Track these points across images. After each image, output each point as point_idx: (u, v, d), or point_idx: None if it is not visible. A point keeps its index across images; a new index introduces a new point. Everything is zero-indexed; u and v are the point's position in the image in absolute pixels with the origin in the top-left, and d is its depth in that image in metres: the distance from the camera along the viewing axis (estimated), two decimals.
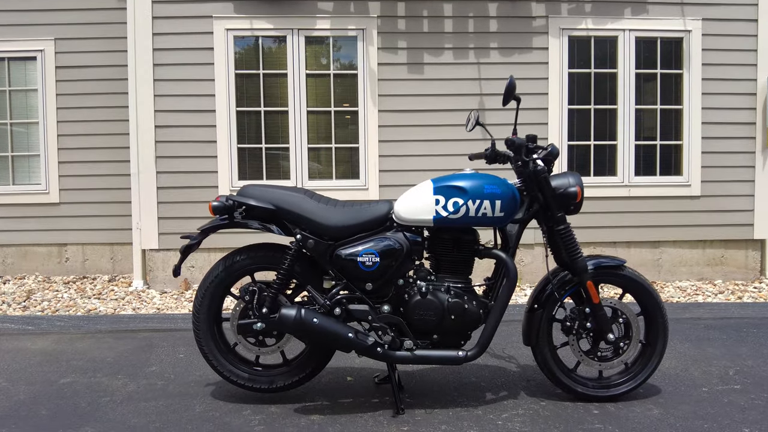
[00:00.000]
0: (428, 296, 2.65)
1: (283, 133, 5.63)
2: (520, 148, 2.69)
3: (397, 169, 5.60)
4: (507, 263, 2.66)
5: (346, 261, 2.66)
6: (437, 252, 2.75)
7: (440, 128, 5.61)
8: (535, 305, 2.80)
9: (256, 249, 2.81)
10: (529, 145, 2.72)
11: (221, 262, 2.80)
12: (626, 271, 2.82)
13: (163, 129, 5.55)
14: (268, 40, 5.62)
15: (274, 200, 2.71)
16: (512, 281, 2.64)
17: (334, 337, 2.60)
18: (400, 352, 2.65)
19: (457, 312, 2.64)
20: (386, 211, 2.74)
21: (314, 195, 2.80)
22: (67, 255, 6.25)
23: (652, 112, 5.82)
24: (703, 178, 5.77)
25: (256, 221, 2.72)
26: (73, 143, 6.15)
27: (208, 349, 2.81)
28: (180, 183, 5.56)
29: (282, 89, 5.61)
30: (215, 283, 2.78)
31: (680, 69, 5.78)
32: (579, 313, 2.78)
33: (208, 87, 5.53)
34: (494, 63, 5.63)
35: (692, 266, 5.87)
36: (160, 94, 5.53)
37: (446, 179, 2.66)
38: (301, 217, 2.69)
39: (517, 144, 2.69)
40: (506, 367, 3.35)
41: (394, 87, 5.60)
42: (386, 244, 2.67)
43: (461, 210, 2.61)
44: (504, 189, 2.64)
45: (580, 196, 2.65)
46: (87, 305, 5.13)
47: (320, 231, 2.70)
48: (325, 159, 5.70)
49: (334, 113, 5.66)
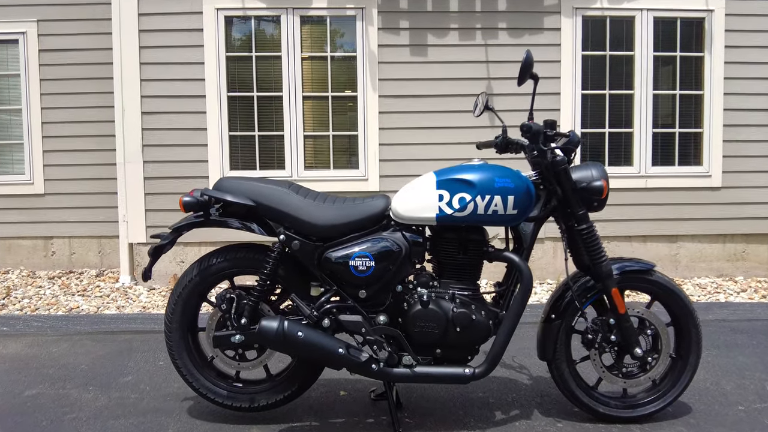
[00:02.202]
0: (430, 305, 2.32)
1: (277, 120, 5.30)
2: (537, 136, 2.32)
3: (398, 159, 5.27)
4: (521, 268, 2.32)
5: (337, 265, 2.33)
6: (441, 254, 2.41)
7: (445, 115, 5.27)
8: (552, 315, 2.47)
9: (236, 250, 2.48)
10: (547, 132, 2.37)
11: (196, 265, 2.47)
12: (655, 275, 2.49)
13: (150, 116, 5.22)
14: (261, 21, 5.27)
15: (254, 195, 2.38)
16: (527, 288, 2.31)
17: (322, 352, 2.28)
18: (399, 369, 2.33)
19: (463, 323, 2.31)
20: (382, 207, 2.41)
21: (300, 189, 2.47)
22: (54, 248, 5.96)
23: (670, 98, 5.47)
24: (725, 169, 5.46)
25: (236, 219, 2.40)
26: (58, 131, 5.84)
27: (181, 363, 2.50)
28: (168, 173, 5.25)
29: (276, 73, 5.27)
30: (189, 288, 2.46)
31: (701, 52, 5.44)
32: (602, 324, 2.44)
33: (198, 71, 5.20)
34: (503, 44, 5.27)
35: (711, 262, 5.55)
36: (147, 79, 5.20)
37: (451, 171, 2.32)
38: (284, 214, 2.36)
39: (534, 130, 2.32)
40: (517, 380, 3.03)
41: (396, 70, 5.25)
42: (382, 246, 2.34)
43: (468, 207, 2.27)
44: (517, 182, 2.29)
45: (606, 191, 2.30)
46: (69, 303, 4.83)
47: (307, 230, 2.36)
48: (322, 147, 5.36)
49: (331, 99, 5.32)
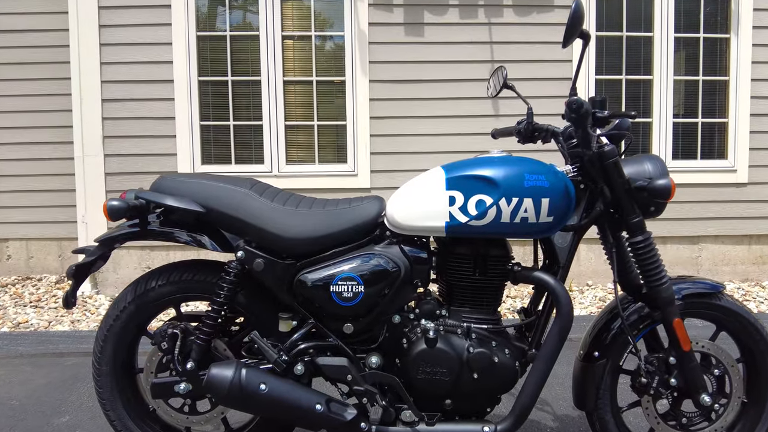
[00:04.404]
0: (438, 343, 1.76)
1: (255, 108, 4.71)
2: (585, 117, 1.72)
3: (392, 152, 4.70)
4: (557, 292, 1.76)
5: (315, 290, 1.77)
6: (451, 274, 1.84)
7: (444, 102, 4.70)
8: (595, 352, 1.91)
9: (183, 269, 1.89)
10: (596, 114, 1.81)
11: (130, 289, 1.89)
12: (723, 299, 1.94)
13: (111, 103, 4.62)
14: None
15: (204, 198, 1.79)
16: (566, 319, 1.75)
17: (293, 411, 1.70)
18: (396, 429, 1.76)
19: (482, 367, 1.75)
20: (375, 213, 1.84)
21: (267, 189, 1.89)
22: (9, 252, 5.33)
23: (693, 84, 4.94)
24: (751, 163, 4.95)
25: (183, 230, 1.83)
26: (11, 121, 5.19)
27: (114, 415, 1.92)
28: (132, 168, 4.65)
29: (253, 55, 4.68)
30: (122, 320, 1.88)
31: (727, 33, 4.92)
32: (660, 363, 1.89)
33: (165, 52, 4.60)
34: (508, 23, 4.71)
35: (736, 265, 5.04)
36: (108, 62, 4.59)
37: (465, 166, 1.75)
38: (244, 223, 1.78)
39: (585, 109, 1.70)
40: (540, 423, 2.47)
41: (389, 52, 4.67)
42: (375, 264, 1.77)
43: (489, 213, 1.70)
44: (554, 180, 1.73)
45: (674, 191, 1.74)
46: (18, 316, 4.23)
47: (274, 244, 1.79)
48: (305, 139, 4.78)
49: (316, 84, 4.73)
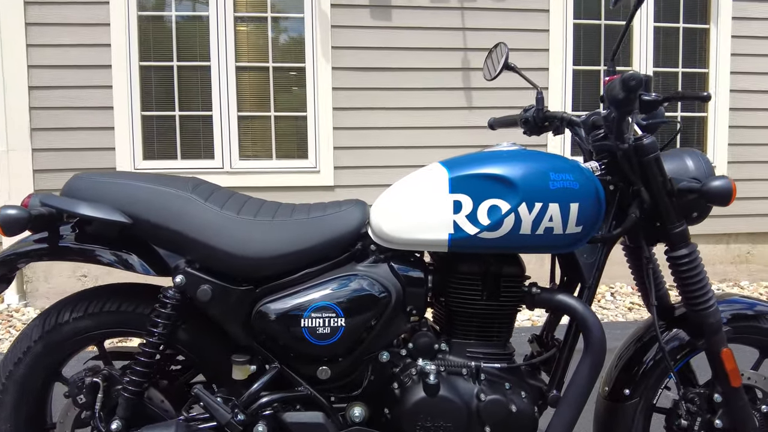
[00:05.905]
0: (440, 389, 1.38)
1: (204, 97, 4.25)
2: (633, 100, 1.30)
3: (357, 146, 4.32)
4: (586, 319, 1.40)
5: (280, 325, 1.35)
6: (452, 298, 1.46)
7: (414, 92, 4.36)
8: (626, 390, 1.56)
9: (106, 296, 1.45)
10: (642, 96, 1.44)
11: (38, 322, 1.44)
12: None
13: (40, 91, 4.09)
14: None
15: (129, 204, 1.36)
16: (598, 354, 1.39)
17: None
18: None
19: (496, 419, 1.37)
20: (356, 223, 1.44)
21: (214, 193, 1.46)
22: None
23: (672, 77, 4.74)
24: (730, 159, 4.81)
25: (106, 247, 1.39)
26: None
27: None
28: (65, 164, 4.13)
29: (202, 38, 4.23)
30: (27, 364, 1.43)
31: (706, 23, 4.74)
32: (702, 401, 1.56)
33: (102, 34, 4.09)
34: (482, 8, 4.40)
35: (714, 265, 4.88)
36: (35, 44, 4.06)
37: (473, 162, 1.37)
38: (184, 237, 1.35)
39: (635, 82, 1.26)
40: None
41: (353, 37, 4.29)
42: (358, 289, 1.37)
43: (506, 222, 1.33)
44: (583, 181, 1.36)
45: (735, 194, 1.40)
46: None
47: (226, 265, 1.36)
48: (261, 132, 4.34)
49: (272, 71, 4.31)
